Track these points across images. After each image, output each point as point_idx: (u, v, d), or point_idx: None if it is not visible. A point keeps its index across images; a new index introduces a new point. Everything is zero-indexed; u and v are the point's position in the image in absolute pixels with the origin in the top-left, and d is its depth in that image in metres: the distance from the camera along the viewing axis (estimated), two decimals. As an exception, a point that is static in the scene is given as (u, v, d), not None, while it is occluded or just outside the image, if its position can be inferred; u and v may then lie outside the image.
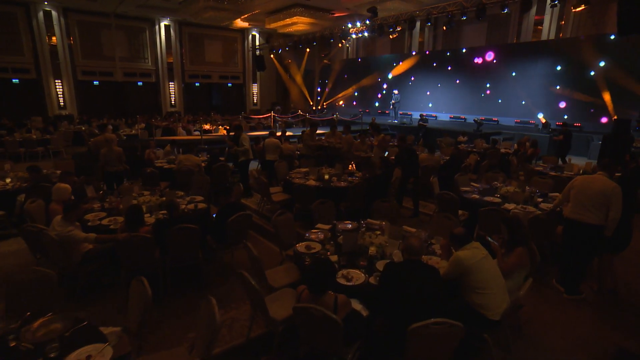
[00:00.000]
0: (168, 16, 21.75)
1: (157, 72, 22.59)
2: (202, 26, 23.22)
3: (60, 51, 19.11)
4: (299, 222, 5.40)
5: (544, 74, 14.78)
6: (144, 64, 22.22)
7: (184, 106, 23.95)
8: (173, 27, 22.51)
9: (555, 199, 4.49)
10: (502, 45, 16.65)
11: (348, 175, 6.24)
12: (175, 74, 23.18)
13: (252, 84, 26.62)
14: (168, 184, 6.55)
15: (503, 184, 5.56)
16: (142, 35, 21.82)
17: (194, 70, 24.00)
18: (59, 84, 19.40)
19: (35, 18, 18.28)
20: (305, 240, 3.56)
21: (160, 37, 22.19)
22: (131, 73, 21.83)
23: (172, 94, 23.46)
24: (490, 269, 2.69)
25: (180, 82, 23.47)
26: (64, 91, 19.68)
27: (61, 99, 19.75)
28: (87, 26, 19.88)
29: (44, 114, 18.99)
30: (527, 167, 7.18)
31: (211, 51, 24.48)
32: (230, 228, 3.89)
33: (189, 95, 24.21)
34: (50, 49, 18.82)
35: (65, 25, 19.13)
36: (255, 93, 26.92)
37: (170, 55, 22.67)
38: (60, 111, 19.64)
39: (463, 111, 17.19)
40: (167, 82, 23.04)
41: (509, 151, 9.40)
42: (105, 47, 20.60)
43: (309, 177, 6.04)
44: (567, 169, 7.00)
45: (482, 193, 5.34)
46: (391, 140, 11.14)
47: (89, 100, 20.84)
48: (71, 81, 19.81)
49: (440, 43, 19.76)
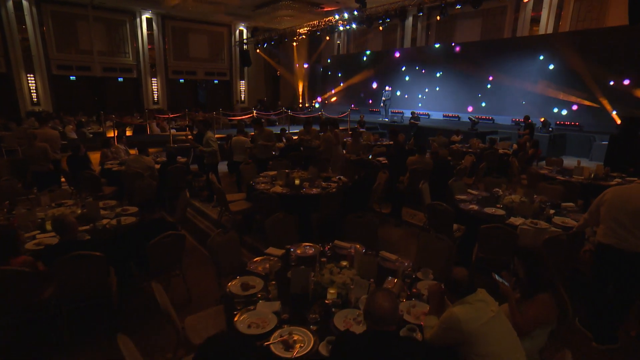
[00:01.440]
0: (150, 9, 20.66)
1: (139, 67, 21.48)
2: (187, 20, 22.18)
3: (32, 44, 17.92)
4: (259, 240, 4.48)
5: (541, 70, 13.96)
6: (124, 59, 21.09)
7: (168, 103, 22.87)
8: (155, 21, 21.41)
9: (579, 220, 3.43)
10: (497, 40, 15.82)
11: (323, 180, 5.30)
12: (158, 69, 22.08)
13: (240, 80, 25.61)
14: (114, 190, 5.58)
15: (506, 192, 4.67)
16: (123, 28, 20.68)
17: (178, 66, 22.92)
18: (31, 78, 18.21)
19: (4, 7, 17.09)
20: (246, 274, 2.62)
21: (142, 30, 21.07)
22: (111, 68, 20.69)
23: (155, 91, 22.37)
24: (502, 333, 1.78)
25: (164, 78, 22.38)
26: (37, 86, 18.49)
27: (34, 95, 18.57)
28: (61, 17, 18.70)
29: (15, 110, 17.85)
30: (530, 170, 6.29)
31: (196, 46, 23.40)
32: (152, 253, 2.94)
33: (172, 92, 23.13)
34: (22, 41, 17.63)
35: (37, 15, 17.95)
36: (242, 90, 25.91)
37: (153, 50, 21.57)
38: (34, 107, 18.46)
39: (457, 109, 16.33)
40: (150, 78, 21.93)
41: (508, 152, 8.54)
42: (82, 40, 19.45)
43: (276, 182, 5.09)
44: (577, 172, 6.11)
45: (482, 203, 4.43)
46: (379, 139, 10.27)
47: (65, 96, 19.68)
48: (45, 76, 18.63)
49: (434, 38, 18.91)
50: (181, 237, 3.12)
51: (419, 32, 19.12)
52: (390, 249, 3.18)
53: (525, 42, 14.56)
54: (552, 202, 4.46)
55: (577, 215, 4.04)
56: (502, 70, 14.99)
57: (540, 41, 14.15)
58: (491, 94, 15.38)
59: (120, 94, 21.45)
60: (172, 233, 3.03)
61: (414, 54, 18.32)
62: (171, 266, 3.21)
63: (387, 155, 5.96)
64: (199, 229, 5.47)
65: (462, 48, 16.37)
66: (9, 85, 17.75)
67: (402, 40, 20.03)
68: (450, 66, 16.60)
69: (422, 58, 17.77)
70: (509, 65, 14.77)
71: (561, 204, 4.39)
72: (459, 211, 4.21)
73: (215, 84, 25.07)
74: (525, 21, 15.82)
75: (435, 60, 17.17)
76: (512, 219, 3.85)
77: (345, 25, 12.74)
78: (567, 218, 3.93)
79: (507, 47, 15.04)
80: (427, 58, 17.55)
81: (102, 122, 10.63)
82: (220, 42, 23.95)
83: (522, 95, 14.47)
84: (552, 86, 13.78)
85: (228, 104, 25.61)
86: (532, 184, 6.20)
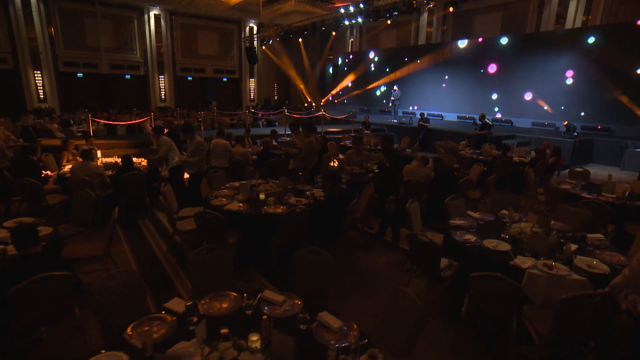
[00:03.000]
0: (158, 5, 20.34)
1: (146, 64, 21.20)
2: (196, 16, 21.80)
3: (40, 40, 17.84)
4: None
5: (567, 68, 12.66)
6: (131, 56, 20.85)
7: (175, 101, 22.54)
8: (163, 17, 21.09)
9: (617, 279, 2.41)
10: (519, 35, 14.56)
11: (297, 194, 4.47)
12: (166, 66, 21.76)
13: (250, 78, 25.08)
14: (63, 200, 4.92)
15: (515, 215, 3.72)
16: (130, 25, 20.44)
17: (186, 64, 22.54)
18: (38, 75, 18.14)
19: (12, 4, 17.03)
20: (112, 348, 1.82)
21: (149, 27, 20.78)
22: (118, 65, 20.48)
23: (163, 88, 22.07)
24: None
25: (171, 76, 22.03)
26: (43, 83, 18.41)
27: (41, 91, 18.50)
28: (69, 14, 18.57)
29: (23, 106, 17.81)
30: (549, 185, 5.26)
31: (205, 43, 22.98)
32: (17, 301, 2.19)
33: (180, 89, 22.78)
34: (29, 37, 17.55)
35: (45, 12, 17.85)
36: (252, 88, 25.37)
37: (161, 47, 21.25)
38: (40, 104, 18.38)
39: (473, 110, 15.15)
40: (157, 76, 21.63)
41: (525, 160, 7.46)
42: (90, 37, 19.29)
43: (237, 196, 4.29)
44: (607, 188, 5.04)
45: (482, 231, 3.50)
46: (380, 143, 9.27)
47: (72, 93, 19.59)
48: (52, 72, 18.53)
49: (450, 34, 17.73)
50: (66, 279, 2.36)
51: (434, 28, 18.01)
52: (366, 284, 2.36)
53: (549, 37, 13.26)
54: (575, 231, 3.48)
55: (608, 253, 3.07)
56: (522, 68, 13.75)
57: (568, 36, 12.84)
58: (510, 94, 14.13)
59: (127, 92, 21.23)
60: (50, 275, 2.27)
61: (428, 51, 17.19)
62: (55, 316, 2.46)
63: (379, 167, 5.08)
64: (151, 254, 4.61)
65: (480, 44, 15.17)
66: (16, 82, 17.70)
67: (416, 37, 18.96)
68: (466, 64, 15.43)
69: (437, 55, 16.65)
70: (530, 63, 13.53)
71: (586, 235, 3.40)
72: (451, 242, 3.30)
73: (224, 82, 24.59)
74: (551, 15, 14.52)
75: (451, 57, 16.03)
76: (518, 259, 2.91)
77: (351, 19, 11.84)
78: (595, 259, 2.96)
79: (529, 42, 13.78)
80: (442, 55, 16.43)
81: (88, 120, 10.10)
82: (229, 39, 23.44)
83: (544, 96, 13.20)
84: (579, 86, 12.48)
85: (237, 102, 25.13)
86: (551, 201, 5.18)
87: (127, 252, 4.56)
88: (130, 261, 4.34)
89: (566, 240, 3.21)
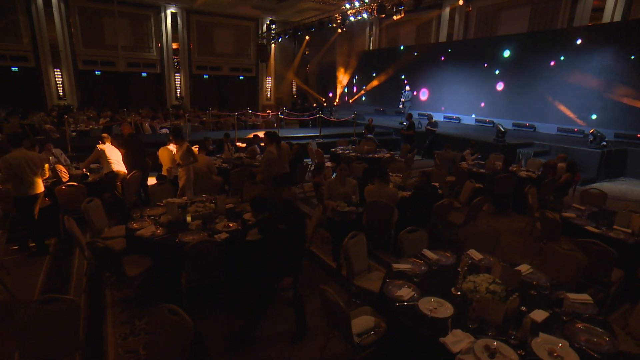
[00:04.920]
0: (175, 3, 20.39)
1: (162, 62, 21.35)
2: (212, 14, 21.72)
3: (60, 39, 18.33)
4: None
5: (603, 67, 11.21)
6: (148, 54, 21.07)
7: (191, 99, 22.61)
8: (180, 15, 21.13)
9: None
10: (547, 31, 13.17)
11: (231, 217, 3.84)
12: (182, 64, 21.83)
13: (266, 77, 24.77)
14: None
15: (481, 261, 2.91)
16: (147, 23, 20.64)
17: (202, 62, 22.53)
18: (58, 73, 18.65)
19: (34, 4, 17.54)
20: None
21: (166, 25, 20.90)
22: (135, 63, 20.77)
23: (178, 86, 22.17)
24: None
25: (187, 74, 22.08)
26: (63, 81, 18.92)
27: (60, 89, 19.02)
28: (88, 13, 18.97)
29: (43, 103, 18.39)
30: (545, 214, 4.25)
31: (221, 41, 22.86)
32: None
33: (196, 87, 22.81)
34: (50, 36, 18.05)
35: (65, 11, 18.29)
36: (268, 87, 25.06)
37: (177, 45, 21.34)
38: (59, 101, 18.91)
39: (493, 114, 13.89)
40: (173, 74, 21.75)
41: (533, 175, 6.42)
42: (108, 36, 19.64)
43: (163, 217, 3.73)
44: (621, 220, 4.04)
45: (427, 282, 2.72)
46: (376, 149, 8.43)
47: (90, 91, 20.04)
48: (71, 70, 19.01)
49: (473, 31, 16.47)
50: None
51: (456, 25, 16.81)
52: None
53: (585, 33, 11.81)
54: (554, 288, 2.64)
55: (588, 329, 2.23)
56: (548, 68, 12.39)
57: (608, 31, 11.36)
58: (534, 95, 12.78)
59: (143, 90, 21.46)
60: None
61: (448, 49, 16.02)
62: None
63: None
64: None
65: (504, 41, 13.87)
66: (37, 80, 18.25)
67: (437, 34, 17.82)
68: (489, 62, 14.19)
69: (457, 54, 15.47)
70: (558, 61, 12.16)
71: (566, 296, 2.53)
72: (382, 297, 2.56)
73: (241, 80, 24.38)
74: (586, 9, 13.04)
75: (472, 56, 14.81)
76: (453, 335, 2.12)
77: (356, 15, 11.05)
78: (563, 340, 2.13)
79: (561, 39, 12.38)
80: (462, 54, 15.23)
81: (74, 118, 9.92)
82: (246, 36, 23.17)
83: (572, 99, 11.79)
84: (616, 89, 11.02)
85: (253, 101, 24.87)
86: (547, 233, 4.26)
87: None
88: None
89: (537, 302, 2.39)
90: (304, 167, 6.33)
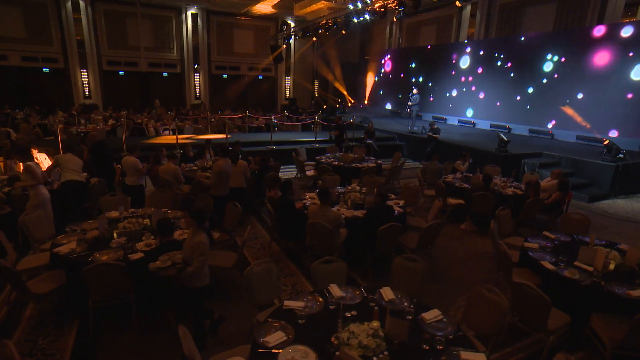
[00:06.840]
0: (195, 4, 20.82)
1: (182, 62, 21.89)
2: (232, 15, 21.97)
3: (86, 41, 19.24)
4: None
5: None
6: (169, 54, 21.67)
7: (210, 98, 23.05)
8: (200, 16, 21.55)
9: None
10: (575, 30, 12.14)
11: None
12: (202, 64, 22.27)
13: (285, 77, 24.79)
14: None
15: (391, 299, 2.61)
16: (168, 24, 21.21)
17: (222, 62, 22.88)
18: (84, 73, 19.61)
19: (64, 8, 18.50)
20: None
21: (186, 26, 21.40)
22: (156, 63, 21.42)
23: (197, 86, 22.66)
24: None
25: (206, 74, 22.52)
26: (89, 81, 19.88)
27: (86, 89, 20.00)
28: (113, 15, 19.79)
29: (70, 103, 19.40)
30: (499, 247, 3.75)
31: (241, 41, 23.11)
32: None
33: (215, 87, 23.22)
34: (77, 39, 19.01)
35: (92, 15, 19.18)
36: (288, 87, 25.07)
37: (197, 45, 21.81)
38: (85, 100, 19.89)
39: (510, 119, 13.01)
40: (192, 73, 22.24)
41: (519, 192, 5.81)
42: (131, 37, 20.39)
43: (91, 232, 3.68)
44: (583, 256, 3.46)
45: (308, 327, 2.44)
46: (364, 158, 8.06)
47: (114, 91, 20.90)
48: (96, 71, 19.93)
49: (495, 31, 15.55)
50: None
51: (477, 24, 15.95)
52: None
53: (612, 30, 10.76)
54: (461, 337, 2.30)
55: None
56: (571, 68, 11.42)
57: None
58: (554, 98, 11.82)
59: (164, 89, 22.10)
60: None
61: (468, 49, 15.22)
62: None
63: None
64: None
65: (526, 41, 12.94)
66: (65, 80, 19.27)
67: (457, 34, 17.00)
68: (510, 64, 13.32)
69: (477, 55, 14.65)
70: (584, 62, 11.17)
71: (461, 354, 2.17)
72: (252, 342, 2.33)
73: (260, 80, 24.53)
74: (618, 5, 11.92)
75: (493, 56, 13.96)
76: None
77: (359, 16, 10.68)
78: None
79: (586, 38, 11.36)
80: (482, 55, 14.41)
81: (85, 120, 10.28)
82: (266, 36, 23.25)
83: (594, 105, 10.78)
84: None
85: (272, 101, 24.98)
86: (502, 266, 3.83)
87: None
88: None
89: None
90: (272, 177, 6.06)
